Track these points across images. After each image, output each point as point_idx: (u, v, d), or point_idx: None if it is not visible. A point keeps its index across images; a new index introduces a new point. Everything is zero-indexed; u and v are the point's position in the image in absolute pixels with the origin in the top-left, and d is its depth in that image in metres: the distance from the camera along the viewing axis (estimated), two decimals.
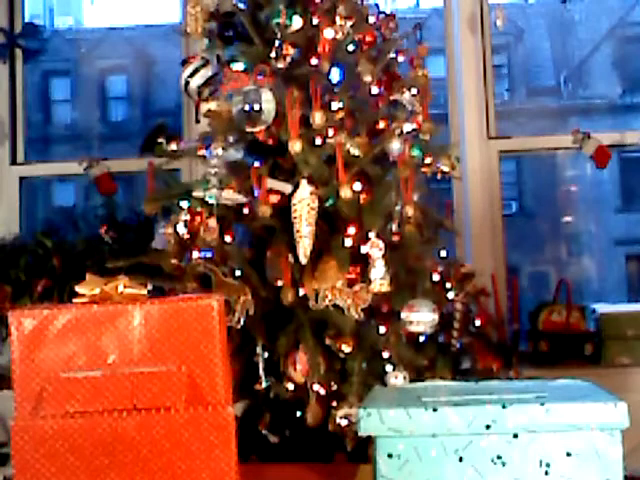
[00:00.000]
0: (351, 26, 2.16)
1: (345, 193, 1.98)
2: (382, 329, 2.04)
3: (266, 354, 2.04)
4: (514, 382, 1.50)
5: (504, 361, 2.26)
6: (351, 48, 2.20)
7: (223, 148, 2.10)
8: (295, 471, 1.59)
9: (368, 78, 2.19)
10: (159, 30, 9.32)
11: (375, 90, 2.23)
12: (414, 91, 2.28)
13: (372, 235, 1.99)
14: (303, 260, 1.96)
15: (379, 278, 1.96)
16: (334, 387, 2.01)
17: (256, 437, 2.04)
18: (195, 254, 2.07)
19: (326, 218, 2.05)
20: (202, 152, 2.15)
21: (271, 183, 2.05)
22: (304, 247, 1.94)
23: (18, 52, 3.63)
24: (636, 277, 9.75)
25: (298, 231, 1.95)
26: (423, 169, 2.28)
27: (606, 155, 3.18)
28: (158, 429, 1.21)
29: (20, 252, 3.09)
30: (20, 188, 3.63)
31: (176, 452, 1.22)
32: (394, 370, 1.97)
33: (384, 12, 2.38)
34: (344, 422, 1.92)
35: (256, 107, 1.96)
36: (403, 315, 2.00)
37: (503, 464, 1.07)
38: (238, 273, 2.05)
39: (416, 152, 2.22)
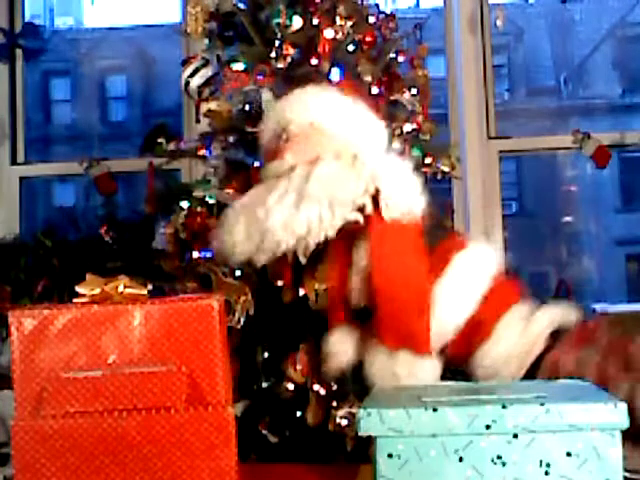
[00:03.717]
0: (351, 26, 2.16)
1: None
2: None
3: (266, 354, 2.04)
4: (514, 382, 1.50)
5: None
6: (351, 48, 2.20)
7: (223, 148, 2.10)
8: (295, 471, 1.59)
9: (368, 78, 2.19)
10: (159, 30, 9.31)
11: (375, 90, 2.23)
12: (414, 91, 2.28)
13: None
14: (303, 260, 1.96)
15: None
16: (334, 387, 2.01)
17: (256, 437, 2.04)
18: (195, 254, 2.07)
19: None
20: (202, 152, 2.15)
21: None
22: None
23: (18, 52, 3.63)
24: (636, 277, 9.75)
25: None
26: (423, 169, 2.28)
27: (606, 155, 3.19)
28: (158, 429, 1.21)
29: (20, 252, 3.09)
30: (20, 188, 3.63)
31: (176, 452, 1.22)
32: None
33: (384, 12, 2.38)
34: (344, 422, 1.92)
35: (256, 107, 1.97)
36: None
37: (503, 464, 1.07)
38: (238, 273, 2.05)
39: (416, 152, 2.22)
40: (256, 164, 2.12)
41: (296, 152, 1.48)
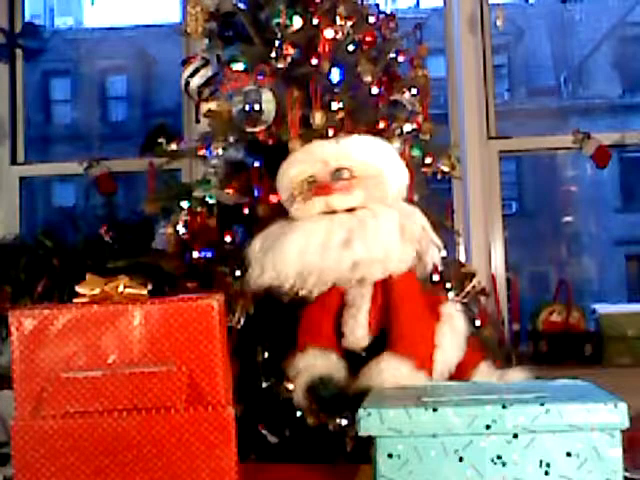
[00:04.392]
0: (351, 26, 2.16)
1: None
2: None
3: (266, 354, 2.04)
4: (514, 382, 1.50)
5: (504, 361, 2.25)
6: (351, 48, 2.20)
7: (223, 148, 2.10)
8: (295, 471, 1.59)
9: (368, 78, 2.19)
10: (159, 30, 9.32)
11: (375, 90, 2.22)
12: (414, 91, 2.28)
13: None
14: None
15: None
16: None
17: (256, 437, 2.04)
18: (195, 254, 2.07)
19: None
20: (202, 152, 2.15)
21: None
22: None
23: (18, 52, 3.64)
24: (636, 277, 9.75)
25: None
26: (423, 169, 2.28)
27: (606, 155, 3.19)
28: (158, 429, 1.21)
29: (20, 252, 3.09)
30: (20, 188, 3.64)
31: (176, 452, 1.22)
32: None
33: (384, 12, 2.38)
34: (344, 422, 1.92)
35: (256, 107, 1.97)
36: None
37: (503, 464, 1.07)
38: (238, 273, 2.05)
39: (416, 152, 2.22)
40: (256, 164, 2.12)
41: (364, 191, 1.57)
